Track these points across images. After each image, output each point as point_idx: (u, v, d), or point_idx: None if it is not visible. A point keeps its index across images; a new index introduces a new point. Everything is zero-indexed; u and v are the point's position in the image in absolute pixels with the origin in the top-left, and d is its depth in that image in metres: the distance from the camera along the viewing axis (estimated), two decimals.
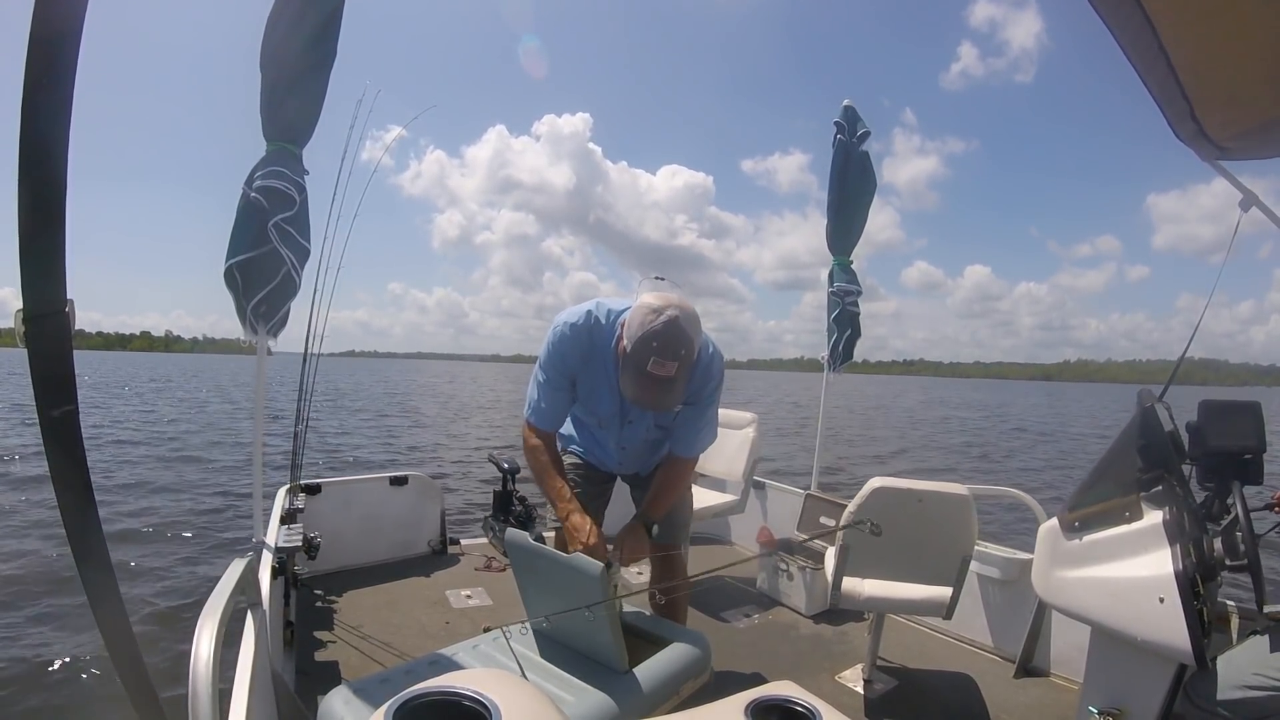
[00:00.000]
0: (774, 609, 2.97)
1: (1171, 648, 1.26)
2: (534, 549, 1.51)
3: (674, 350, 1.45)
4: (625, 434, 1.83)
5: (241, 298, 2.18)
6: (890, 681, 2.33)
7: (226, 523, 6.04)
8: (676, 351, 1.45)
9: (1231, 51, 1.43)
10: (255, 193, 2.14)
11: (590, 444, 1.95)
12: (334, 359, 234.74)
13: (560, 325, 1.68)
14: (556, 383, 1.71)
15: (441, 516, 3.52)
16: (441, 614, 2.76)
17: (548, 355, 1.70)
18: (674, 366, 1.46)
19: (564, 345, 1.68)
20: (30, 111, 0.57)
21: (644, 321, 1.47)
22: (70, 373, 0.63)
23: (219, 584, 1.07)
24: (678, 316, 1.46)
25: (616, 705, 1.32)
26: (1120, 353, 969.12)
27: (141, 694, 0.72)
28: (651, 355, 1.45)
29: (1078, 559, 1.45)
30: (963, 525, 1.95)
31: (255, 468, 2.43)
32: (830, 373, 3.61)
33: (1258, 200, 1.91)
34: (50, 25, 0.57)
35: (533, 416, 1.74)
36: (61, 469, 0.64)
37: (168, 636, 3.43)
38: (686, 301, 1.52)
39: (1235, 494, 1.41)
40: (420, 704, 0.80)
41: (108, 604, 0.69)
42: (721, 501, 3.17)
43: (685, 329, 1.47)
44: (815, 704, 1.04)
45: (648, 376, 1.47)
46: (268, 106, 2.19)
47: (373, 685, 1.34)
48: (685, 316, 1.48)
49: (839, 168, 3.45)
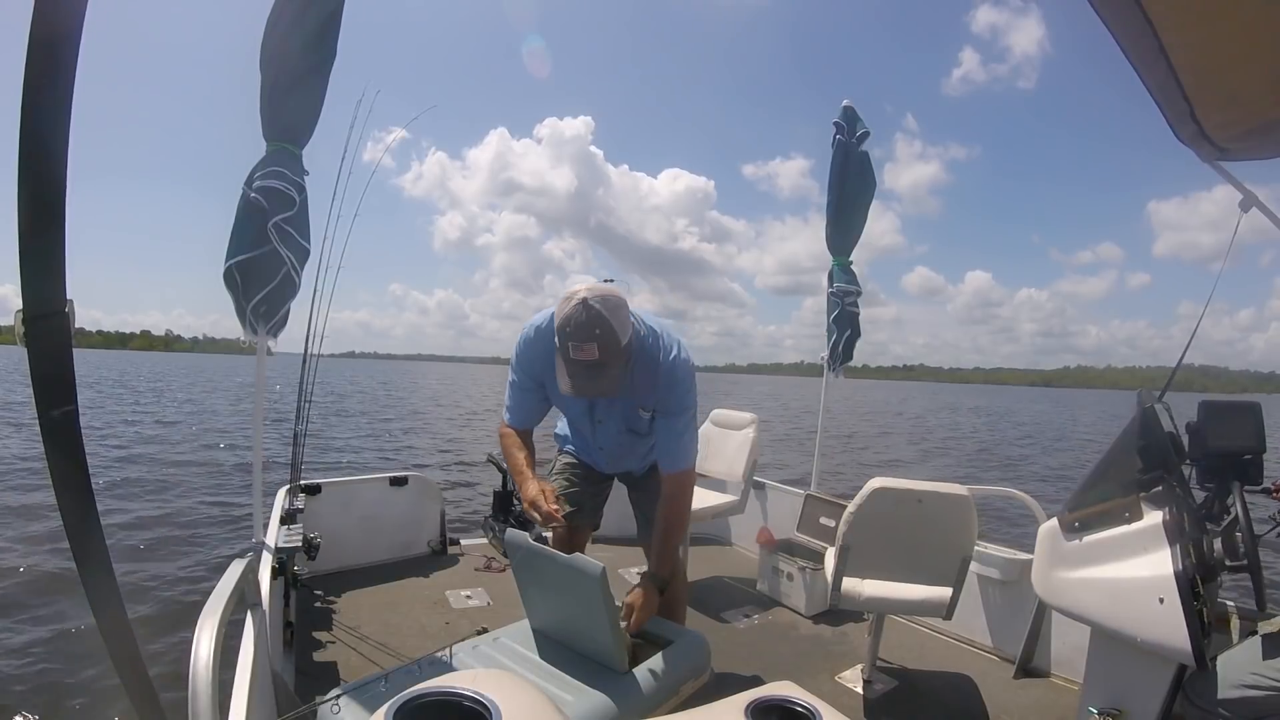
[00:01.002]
0: (774, 609, 2.97)
1: (1171, 648, 1.26)
2: (534, 549, 1.51)
3: (588, 331, 1.45)
4: (599, 434, 1.85)
5: (241, 298, 2.18)
6: (890, 682, 2.33)
7: (226, 523, 6.04)
8: (591, 332, 1.45)
9: (1232, 52, 1.43)
10: (255, 193, 2.14)
11: (581, 445, 1.98)
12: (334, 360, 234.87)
13: (526, 329, 1.74)
14: (524, 384, 1.78)
15: (441, 517, 3.52)
16: (441, 614, 2.76)
17: (515, 359, 1.77)
18: (594, 348, 1.46)
19: (528, 350, 1.74)
20: (30, 111, 0.57)
21: (560, 310, 1.49)
22: (70, 373, 0.63)
23: (219, 584, 1.08)
24: (587, 298, 1.46)
25: (616, 705, 1.32)
26: (1121, 359, 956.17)
27: (141, 694, 0.72)
28: (568, 340, 1.47)
29: (1078, 559, 1.45)
30: (963, 525, 1.95)
31: (255, 468, 2.43)
32: (830, 374, 3.61)
33: (1258, 201, 1.91)
34: (50, 25, 0.57)
35: (506, 415, 1.83)
36: (61, 469, 0.64)
37: (168, 636, 3.42)
38: (610, 289, 1.52)
39: (1235, 494, 1.41)
40: (420, 704, 0.80)
41: (108, 604, 0.69)
42: (721, 501, 3.17)
43: (598, 309, 1.46)
44: (815, 704, 1.04)
45: (573, 363, 1.49)
46: (268, 106, 2.19)
47: (373, 685, 1.34)
48: (598, 298, 1.47)
49: (838, 168, 3.45)
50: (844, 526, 2.00)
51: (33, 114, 0.57)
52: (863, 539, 2.00)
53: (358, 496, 3.26)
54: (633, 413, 1.76)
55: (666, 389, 1.66)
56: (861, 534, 1.99)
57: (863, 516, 1.97)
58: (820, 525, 3.07)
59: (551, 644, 1.55)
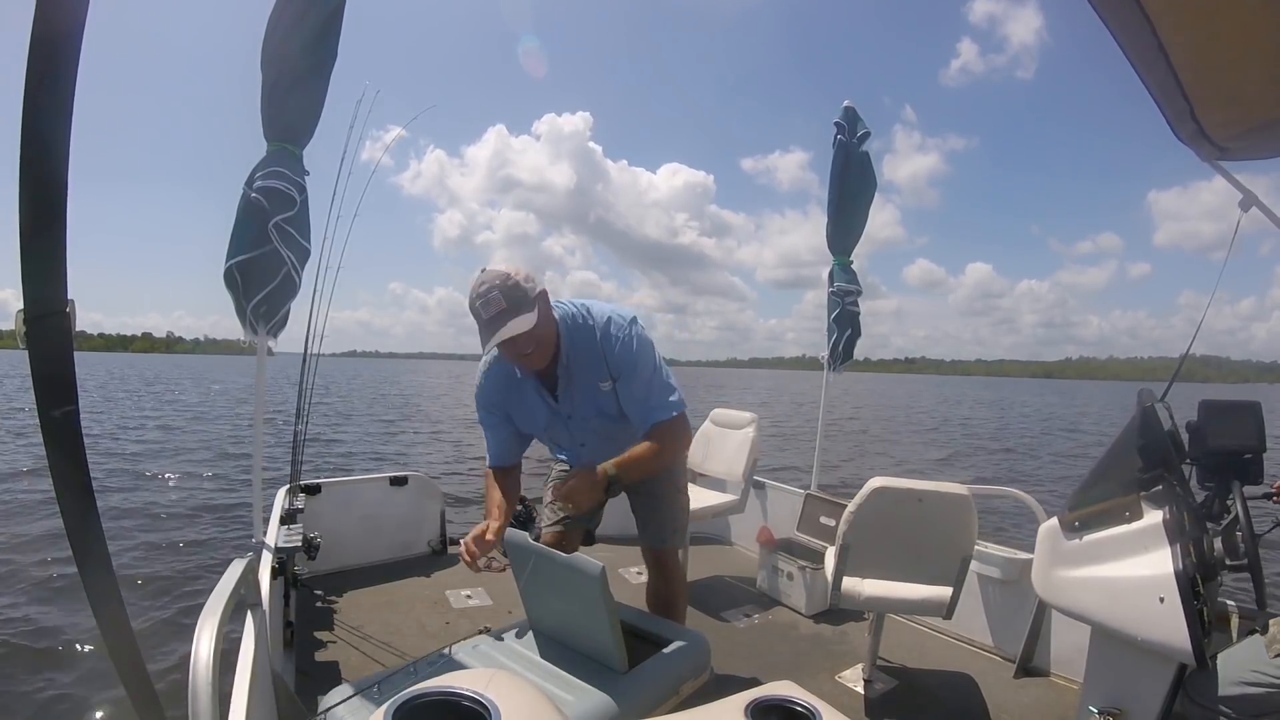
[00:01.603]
0: (774, 609, 2.98)
1: (1171, 647, 1.26)
2: (534, 549, 1.51)
3: (487, 287, 1.55)
4: (575, 431, 1.87)
5: (241, 298, 2.18)
6: (890, 681, 2.33)
7: (226, 523, 6.04)
8: (490, 286, 1.55)
9: (1231, 51, 1.43)
10: (255, 193, 2.14)
11: (571, 455, 2.01)
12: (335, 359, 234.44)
13: (478, 374, 1.86)
14: (491, 421, 1.88)
15: (441, 516, 3.52)
16: (441, 614, 2.76)
17: (478, 402, 1.88)
18: (497, 297, 1.54)
19: (487, 384, 1.85)
20: (31, 111, 0.57)
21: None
22: (71, 373, 0.63)
23: (219, 584, 1.07)
24: (484, 268, 1.60)
25: (616, 705, 1.31)
26: (1122, 350, 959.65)
27: (141, 694, 0.72)
28: (475, 302, 1.56)
29: (1078, 559, 1.45)
30: (963, 525, 1.95)
31: (255, 468, 2.43)
32: (830, 372, 3.62)
33: (1257, 200, 1.91)
34: (51, 25, 0.57)
35: (487, 458, 1.92)
36: (62, 469, 0.64)
37: (168, 636, 3.43)
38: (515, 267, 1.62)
39: (1235, 494, 1.41)
40: (420, 704, 0.80)
41: (108, 604, 0.69)
42: (721, 501, 3.17)
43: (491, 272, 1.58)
44: (815, 704, 1.04)
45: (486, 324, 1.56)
46: (268, 107, 2.19)
47: (373, 685, 1.34)
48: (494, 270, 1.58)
49: (839, 168, 3.45)
50: (844, 526, 2.00)
51: (34, 114, 0.57)
52: (863, 538, 2.00)
53: (358, 496, 3.26)
54: (594, 393, 1.77)
55: (609, 351, 1.71)
56: (862, 533, 1.99)
57: (863, 516, 1.97)
58: (820, 525, 3.07)
59: (551, 644, 1.56)
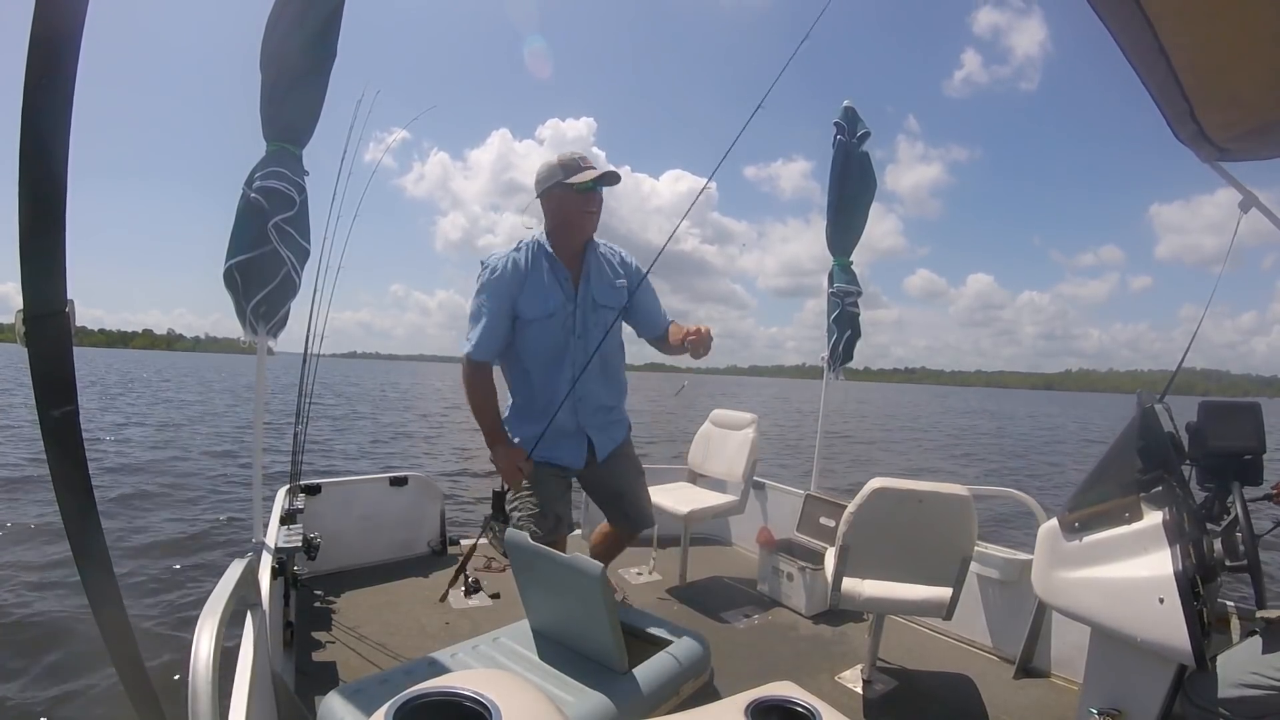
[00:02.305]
0: (774, 609, 2.97)
1: (1171, 648, 1.26)
2: (534, 549, 1.51)
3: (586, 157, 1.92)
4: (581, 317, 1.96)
5: (241, 298, 2.18)
6: (890, 682, 2.33)
7: (226, 523, 6.04)
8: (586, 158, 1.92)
9: (1232, 53, 1.43)
10: (255, 193, 2.14)
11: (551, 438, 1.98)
12: (336, 360, 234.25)
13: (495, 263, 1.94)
14: (498, 311, 1.90)
15: (441, 517, 3.52)
16: (441, 614, 2.76)
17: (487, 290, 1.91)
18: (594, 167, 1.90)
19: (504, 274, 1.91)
20: (30, 111, 0.57)
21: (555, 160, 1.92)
22: (70, 373, 0.63)
23: (219, 584, 1.07)
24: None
25: (616, 706, 1.32)
26: (1122, 362, 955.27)
27: (141, 694, 0.72)
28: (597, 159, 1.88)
29: (1077, 560, 1.45)
30: (963, 526, 1.95)
31: (255, 468, 2.43)
32: (830, 374, 3.61)
33: (1257, 201, 1.91)
34: (51, 24, 0.57)
35: (472, 350, 1.91)
36: (62, 469, 0.64)
37: (168, 636, 3.42)
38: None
39: (1235, 494, 1.41)
40: (420, 704, 0.80)
41: (108, 604, 0.69)
42: (721, 502, 3.17)
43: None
44: (815, 704, 1.04)
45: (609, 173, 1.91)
46: (268, 107, 2.19)
47: (372, 686, 1.34)
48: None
49: (839, 168, 3.45)
50: (844, 526, 2.00)
51: (33, 113, 0.57)
52: (863, 539, 2.00)
53: (357, 496, 3.26)
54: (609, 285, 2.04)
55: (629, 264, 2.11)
56: (861, 534, 1.99)
57: (863, 516, 1.97)
58: (820, 525, 3.07)
59: (551, 644, 1.56)
